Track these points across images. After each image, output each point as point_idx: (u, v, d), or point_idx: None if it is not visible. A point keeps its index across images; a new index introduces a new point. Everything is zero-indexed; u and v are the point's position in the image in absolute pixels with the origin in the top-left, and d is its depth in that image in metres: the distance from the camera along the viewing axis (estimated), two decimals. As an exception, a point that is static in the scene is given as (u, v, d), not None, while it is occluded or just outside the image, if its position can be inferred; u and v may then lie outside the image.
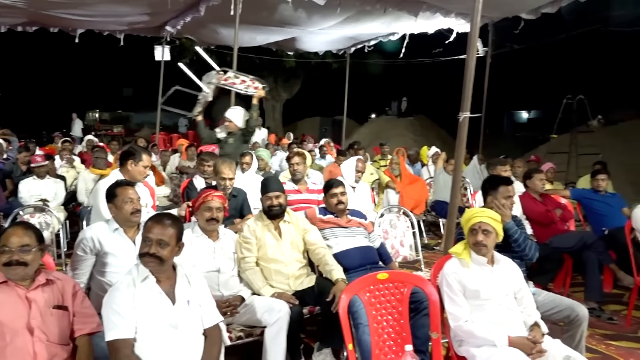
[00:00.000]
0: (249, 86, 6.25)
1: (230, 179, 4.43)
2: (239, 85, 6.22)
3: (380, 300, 3.01)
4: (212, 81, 6.16)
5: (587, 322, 3.28)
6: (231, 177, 4.44)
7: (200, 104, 6.21)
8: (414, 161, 9.12)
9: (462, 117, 3.44)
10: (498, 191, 3.55)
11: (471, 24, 3.36)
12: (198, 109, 6.24)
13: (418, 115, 18.83)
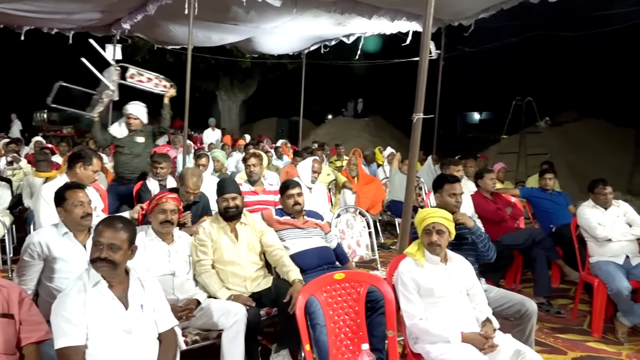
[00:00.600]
0: (157, 84, 5.95)
1: (194, 193, 4.28)
2: (148, 83, 5.90)
3: (337, 300, 3.03)
4: (114, 79, 5.76)
5: (536, 316, 3.39)
6: (196, 192, 4.28)
7: (103, 104, 5.80)
8: (369, 161, 9.22)
9: (416, 118, 3.50)
10: (443, 189, 3.67)
11: (423, 27, 3.43)
12: (99, 109, 5.87)
13: (374, 116, 19.05)
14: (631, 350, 4.02)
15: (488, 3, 6.10)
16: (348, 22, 7.29)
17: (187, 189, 4.16)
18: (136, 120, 5.78)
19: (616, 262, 4.36)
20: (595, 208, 4.64)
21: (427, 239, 3.03)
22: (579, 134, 13.69)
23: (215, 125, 14.54)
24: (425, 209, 3.20)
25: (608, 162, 12.75)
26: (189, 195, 4.19)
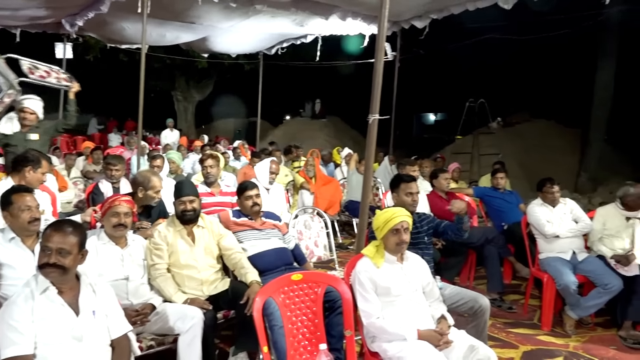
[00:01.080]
0: (58, 79, 5.51)
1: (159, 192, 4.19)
2: (49, 78, 5.43)
3: (294, 301, 3.03)
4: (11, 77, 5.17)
5: (489, 312, 3.49)
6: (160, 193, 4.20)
7: (3, 105, 5.19)
8: (327, 162, 9.25)
9: (372, 119, 3.53)
10: (400, 188, 3.74)
11: (378, 29, 3.47)
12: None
13: (332, 117, 19.14)
14: (578, 342, 4.18)
15: (438, 6, 6.21)
16: (305, 23, 7.30)
17: (154, 189, 4.07)
18: (32, 115, 5.25)
19: (564, 257, 4.52)
20: (544, 206, 4.80)
21: (396, 238, 3.04)
22: (530, 135, 14.14)
23: (174, 125, 14.32)
24: (389, 208, 3.22)
25: (557, 161, 13.22)
26: (154, 198, 4.12)
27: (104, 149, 9.81)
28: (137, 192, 4.08)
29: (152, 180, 4.09)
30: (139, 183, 4.10)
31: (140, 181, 4.11)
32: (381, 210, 3.17)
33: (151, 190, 4.08)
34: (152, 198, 4.11)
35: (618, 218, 4.63)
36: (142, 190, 4.06)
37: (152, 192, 4.08)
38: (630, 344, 4.12)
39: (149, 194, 4.07)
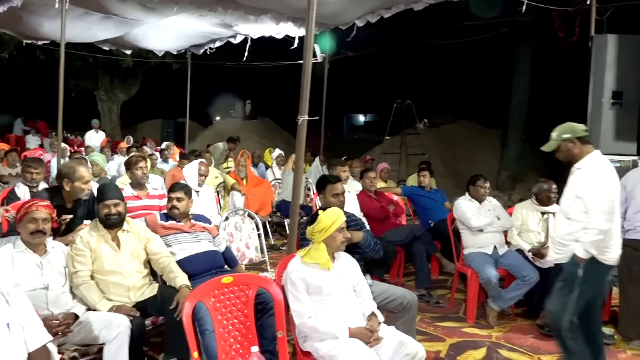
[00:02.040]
0: None
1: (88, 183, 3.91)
2: None
3: (225, 304, 2.99)
4: None
5: (417, 307, 3.60)
6: (89, 185, 3.93)
7: None
8: (258, 163, 9.19)
9: (301, 120, 3.54)
10: (326, 190, 3.79)
11: (306, 30, 3.49)
12: None
13: (263, 117, 19.05)
14: (500, 332, 4.39)
15: (367, 9, 6.33)
16: (234, 23, 7.21)
17: (82, 180, 3.83)
18: None
19: (486, 252, 4.73)
20: (471, 201, 5.00)
21: (341, 236, 3.08)
22: (454, 135, 14.71)
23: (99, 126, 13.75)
24: (332, 209, 3.23)
25: (479, 160, 13.84)
26: (84, 190, 3.86)
27: (21, 152, 9.26)
28: (63, 185, 3.84)
29: (79, 171, 3.83)
30: (64, 175, 3.82)
31: (65, 172, 3.84)
32: (323, 212, 3.17)
33: (79, 182, 3.81)
34: (82, 190, 3.84)
35: (534, 213, 4.91)
36: (69, 183, 3.81)
37: (80, 184, 3.81)
38: (546, 331, 4.36)
39: (76, 186, 3.81)
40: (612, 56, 5.73)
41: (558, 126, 3.46)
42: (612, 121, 5.79)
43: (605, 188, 3.23)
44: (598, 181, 3.24)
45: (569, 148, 3.39)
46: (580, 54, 6.21)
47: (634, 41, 5.80)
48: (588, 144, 3.39)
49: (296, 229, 3.80)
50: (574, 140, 3.37)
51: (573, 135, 3.37)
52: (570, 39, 6.66)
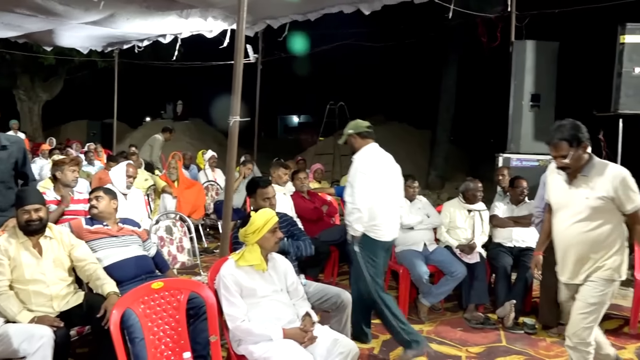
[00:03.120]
0: None
1: None
2: None
3: (156, 310, 2.90)
4: None
5: (351, 306, 3.64)
6: None
7: None
8: (190, 165, 9.00)
9: (232, 121, 3.51)
10: (257, 194, 3.77)
11: (237, 30, 3.45)
12: None
13: (194, 118, 18.66)
14: (431, 327, 4.54)
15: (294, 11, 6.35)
16: (162, 20, 7.01)
17: None
18: None
19: (416, 250, 4.86)
20: (403, 200, 5.11)
21: (274, 237, 3.09)
22: (385, 136, 14.97)
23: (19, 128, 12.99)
24: (264, 210, 3.21)
25: (410, 160, 14.18)
26: None
27: None
28: None
29: None
30: None
31: None
32: (255, 213, 3.15)
33: None
34: None
35: (461, 211, 5.10)
36: None
37: None
38: (473, 324, 4.56)
39: None
40: (531, 61, 6.08)
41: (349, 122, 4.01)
42: (531, 122, 6.14)
43: (368, 175, 3.78)
44: (364, 169, 3.80)
45: (351, 142, 3.98)
46: (502, 59, 6.54)
47: (550, 47, 6.18)
48: (367, 139, 3.96)
49: (229, 232, 3.75)
50: (354, 135, 3.96)
51: (355, 131, 3.97)
52: (492, 44, 6.98)
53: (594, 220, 3.00)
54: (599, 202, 2.97)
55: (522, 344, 4.22)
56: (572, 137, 2.96)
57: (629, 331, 4.51)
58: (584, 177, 3.02)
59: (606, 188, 2.94)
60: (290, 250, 3.69)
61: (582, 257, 3.07)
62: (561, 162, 3.02)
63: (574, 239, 3.08)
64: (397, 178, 4.11)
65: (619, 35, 5.54)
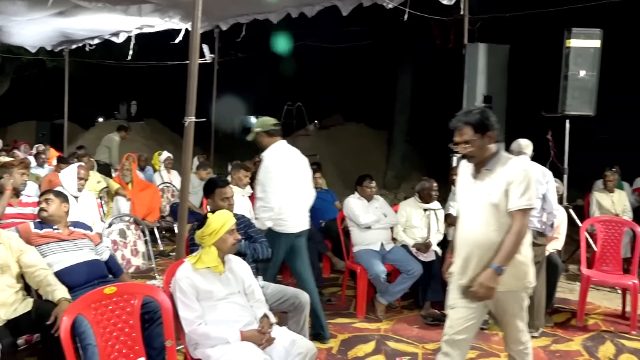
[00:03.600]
0: None
1: None
2: None
3: (108, 316, 2.82)
4: None
5: (309, 306, 3.65)
6: None
7: None
8: (145, 167, 8.81)
9: (187, 121, 3.46)
10: (215, 194, 3.72)
11: (192, 29, 3.41)
12: None
13: (149, 119, 18.28)
14: (388, 325, 4.59)
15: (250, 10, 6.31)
16: (115, 17, 6.82)
17: None
18: None
19: (374, 249, 4.92)
20: (360, 199, 5.16)
21: (232, 238, 3.06)
22: (344, 136, 15.12)
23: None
24: (221, 211, 3.17)
25: (367, 160, 14.34)
26: None
27: None
28: None
29: None
30: None
31: None
32: (212, 214, 3.10)
33: None
34: None
35: (417, 210, 5.18)
36: None
37: None
38: (429, 321, 4.64)
39: None
40: (483, 63, 6.24)
41: (257, 120, 4.14)
42: (483, 123, 6.27)
43: (277, 173, 3.91)
44: (272, 167, 3.93)
45: (259, 140, 4.10)
46: (456, 61, 6.68)
47: (501, 50, 6.35)
48: (274, 136, 4.09)
49: (185, 234, 3.70)
50: (262, 133, 4.09)
51: (262, 129, 4.09)
52: (446, 46, 7.13)
53: (498, 221, 2.73)
54: (502, 199, 2.71)
55: (476, 339, 4.28)
56: (478, 122, 2.74)
57: (576, 323, 4.69)
58: (488, 172, 2.78)
59: (507, 182, 2.71)
60: (247, 252, 3.67)
61: (487, 263, 2.74)
62: (464, 148, 2.79)
63: (477, 241, 2.78)
64: (305, 171, 4.28)
65: (565, 39, 5.76)
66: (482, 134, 2.74)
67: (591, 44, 5.74)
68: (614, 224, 5.18)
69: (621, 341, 4.31)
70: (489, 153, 2.79)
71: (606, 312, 5.04)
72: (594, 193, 6.80)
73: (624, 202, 6.64)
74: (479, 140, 2.75)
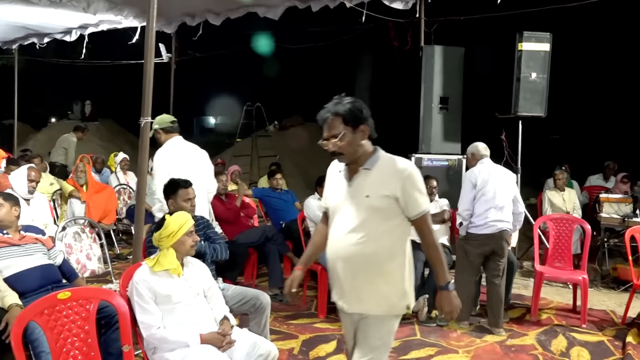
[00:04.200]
0: None
1: None
2: None
3: (63, 321, 2.73)
4: None
5: (269, 307, 3.62)
6: None
7: None
8: (101, 169, 8.59)
9: (143, 122, 3.39)
10: (177, 194, 3.65)
11: (147, 29, 3.34)
12: None
13: (105, 119, 17.82)
14: (349, 325, 4.60)
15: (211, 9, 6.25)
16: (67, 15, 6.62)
17: None
18: None
19: (334, 249, 4.92)
20: (320, 200, 5.16)
21: (190, 240, 3.01)
22: (303, 137, 15.10)
23: None
24: (179, 212, 3.11)
25: (328, 161, 14.31)
26: None
27: None
28: None
29: None
30: None
31: None
32: (169, 216, 3.05)
33: None
34: None
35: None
36: None
37: None
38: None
39: None
40: (439, 65, 6.36)
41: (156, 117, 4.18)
42: (440, 124, 6.42)
43: (167, 167, 4.06)
44: (163, 162, 4.13)
45: (157, 136, 4.22)
46: (413, 63, 6.78)
47: (456, 52, 6.49)
48: (170, 133, 4.26)
49: (142, 236, 3.62)
50: (159, 130, 4.23)
51: (160, 126, 4.22)
52: (404, 48, 7.23)
53: (375, 228, 2.36)
54: (383, 203, 2.35)
55: (435, 336, 4.40)
56: (348, 113, 2.37)
57: (531, 318, 4.84)
58: (366, 171, 2.40)
59: (392, 185, 2.34)
60: (208, 252, 3.62)
61: (360, 277, 2.40)
62: (333, 144, 2.39)
63: (349, 251, 2.39)
64: (202, 165, 4.40)
65: (517, 42, 5.93)
66: (353, 127, 2.38)
67: (541, 47, 5.93)
68: (564, 222, 5.37)
69: (572, 334, 4.47)
70: (362, 150, 2.43)
71: (558, 307, 5.22)
72: (546, 192, 7.03)
73: (574, 200, 6.89)
74: (350, 135, 2.38)
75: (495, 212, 4.46)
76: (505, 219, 4.49)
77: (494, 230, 4.45)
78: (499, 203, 4.47)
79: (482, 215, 4.48)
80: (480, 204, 4.49)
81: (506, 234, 4.50)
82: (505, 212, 4.51)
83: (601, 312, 5.08)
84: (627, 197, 6.24)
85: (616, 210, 6.08)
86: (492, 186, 4.48)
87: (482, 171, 4.56)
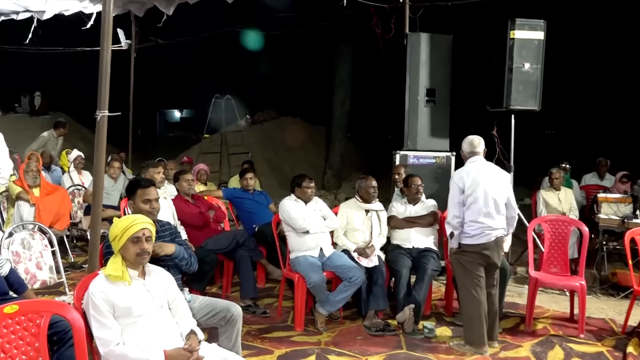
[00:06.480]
0: None
1: None
2: None
3: (10, 338, 2.68)
4: None
5: (241, 320, 3.59)
6: None
7: None
8: (50, 166, 8.45)
9: (100, 115, 3.35)
10: (136, 195, 3.62)
11: (103, 12, 3.30)
12: None
13: (56, 112, 17.56)
14: (329, 338, 4.61)
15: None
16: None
17: None
18: None
19: (312, 255, 4.93)
20: (297, 202, 5.15)
21: (136, 248, 2.93)
22: (278, 132, 15.12)
23: None
24: (128, 215, 3.08)
25: (304, 158, 14.41)
26: None
27: None
28: None
29: None
30: None
31: None
32: (117, 218, 3.02)
33: None
34: None
35: (358, 211, 5.25)
36: None
37: None
38: (373, 332, 4.70)
39: None
40: (425, 54, 6.40)
41: None
42: (427, 118, 6.45)
43: None
44: None
45: None
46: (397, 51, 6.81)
47: (444, 40, 6.54)
48: None
49: (98, 243, 3.57)
50: None
51: None
52: (386, 36, 7.26)
53: None
54: None
55: (422, 349, 4.42)
56: None
57: (525, 328, 4.90)
58: None
59: None
60: (185, 258, 3.59)
61: None
62: None
63: None
64: None
65: (509, 30, 5.97)
66: None
67: (535, 36, 6.00)
68: (560, 224, 5.43)
69: (569, 345, 4.54)
70: None
71: (554, 316, 5.29)
72: (541, 191, 7.12)
73: (571, 200, 6.99)
74: None
75: (489, 218, 4.31)
76: (500, 226, 4.36)
77: (490, 238, 4.32)
78: (492, 208, 4.32)
79: (476, 223, 4.31)
80: (471, 210, 4.32)
81: (501, 241, 4.45)
82: (500, 218, 4.38)
83: (600, 321, 5.17)
84: (627, 197, 6.31)
85: (615, 211, 6.18)
86: (482, 189, 4.31)
87: (471, 172, 4.38)
